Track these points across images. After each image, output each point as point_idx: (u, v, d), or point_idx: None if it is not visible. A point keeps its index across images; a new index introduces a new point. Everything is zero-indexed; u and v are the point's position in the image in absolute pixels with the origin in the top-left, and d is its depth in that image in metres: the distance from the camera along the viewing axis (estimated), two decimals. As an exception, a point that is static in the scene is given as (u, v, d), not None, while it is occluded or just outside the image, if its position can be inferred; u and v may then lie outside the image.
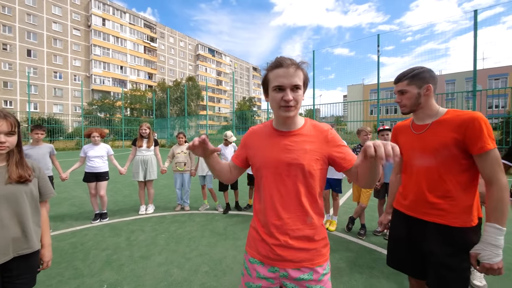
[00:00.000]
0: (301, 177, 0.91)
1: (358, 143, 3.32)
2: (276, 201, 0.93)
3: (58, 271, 2.31)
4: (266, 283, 0.95)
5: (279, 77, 0.87)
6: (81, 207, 4.31)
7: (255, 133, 1.06)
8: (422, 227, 1.19)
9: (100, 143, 3.74)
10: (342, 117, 21.12)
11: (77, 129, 20.33)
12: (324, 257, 0.94)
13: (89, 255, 2.63)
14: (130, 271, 2.32)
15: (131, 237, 3.09)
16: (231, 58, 64.75)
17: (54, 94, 34.09)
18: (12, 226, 1.10)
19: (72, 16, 35.83)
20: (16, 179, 1.12)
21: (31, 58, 32.00)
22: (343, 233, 3.18)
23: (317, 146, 0.93)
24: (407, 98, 1.21)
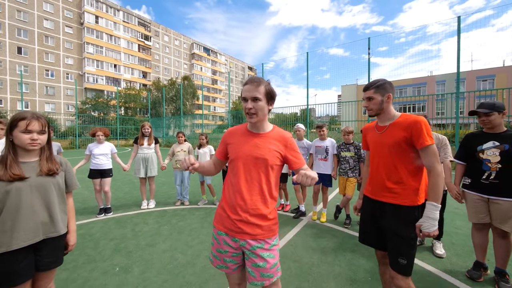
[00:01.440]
0: (263, 169, 1.22)
1: (342, 141, 3.64)
2: (243, 186, 1.21)
3: (72, 257, 2.55)
4: (231, 250, 1.24)
5: (245, 91, 1.22)
6: (85, 203, 4.51)
7: (233, 132, 1.37)
8: (381, 207, 1.50)
9: (104, 142, 3.96)
10: (337, 116, 21.58)
11: (70, 128, 20.17)
12: (274, 233, 1.25)
13: (98, 244, 2.87)
14: (138, 256, 2.57)
15: (136, 228, 3.34)
16: (226, 57, 64.67)
17: (46, 92, 33.50)
18: (41, 212, 1.30)
19: (64, 13, 35.21)
20: (46, 172, 1.32)
21: (22, 56, 31.36)
22: (331, 223, 3.50)
23: (279, 148, 1.25)
24: (373, 104, 1.50)
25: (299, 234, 3.11)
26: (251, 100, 1.19)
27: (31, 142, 1.26)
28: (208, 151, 4.42)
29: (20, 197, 1.23)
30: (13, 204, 1.21)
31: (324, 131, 3.68)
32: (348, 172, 3.41)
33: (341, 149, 3.55)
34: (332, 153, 3.62)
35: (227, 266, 1.26)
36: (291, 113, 17.52)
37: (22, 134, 1.24)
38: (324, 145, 3.66)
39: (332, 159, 3.62)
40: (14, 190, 1.21)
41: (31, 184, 1.26)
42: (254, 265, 1.19)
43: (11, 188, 1.20)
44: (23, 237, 1.23)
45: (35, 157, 1.34)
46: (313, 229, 3.28)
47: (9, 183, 1.20)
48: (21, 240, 1.22)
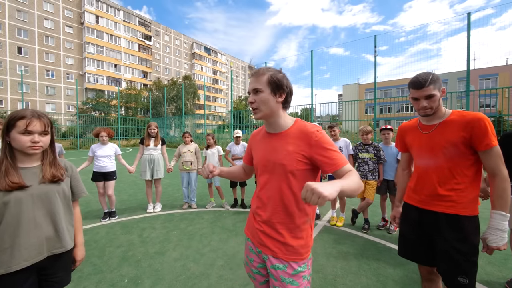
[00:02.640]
0: (283, 176, 0.99)
1: (359, 141, 3.46)
2: (263, 195, 1.05)
3: (77, 267, 2.36)
4: (257, 260, 1.11)
5: (249, 84, 1.05)
6: (88, 206, 4.34)
7: (254, 135, 1.22)
8: (433, 218, 1.32)
9: (108, 143, 3.78)
10: (338, 116, 21.40)
11: (71, 129, 20.01)
12: (301, 257, 0.98)
13: (104, 252, 2.69)
14: (148, 266, 2.40)
15: (143, 234, 3.16)
16: (227, 57, 64.47)
17: (46, 92, 33.37)
18: (45, 225, 1.10)
19: (64, 13, 35.05)
20: (50, 178, 1.13)
21: (22, 56, 31.21)
22: (348, 228, 3.32)
23: (300, 148, 0.97)
24: (434, 101, 1.26)
25: (316, 240, 2.93)
26: (253, 93, 1.01)
27: (32, 145, 1.07)
28: (216, 152, 4.24)
29: (20, 209, 1.04)
30: (12, 218, 1.02)
31: (335, 131, 3.50)
32: (368, 175, 3.22)
33: (359, 150, 3.37)
34: (347, 154, 3.44)
35: (255, 277, 1.13)
36: (291, 113, 17.36)
37: (22, 136, 1.05)
38: (337, 145, 3.48)
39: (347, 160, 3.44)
40: (13, 201, 1.02)
41: (32, 194, 1.08)
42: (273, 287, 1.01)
43: (10, 199, 1.01)
44: (25, 256, 1.04)
45: (36, 162, 1.15)
46: (330, 235, 3.10)
47: (6, 193, 1.01)
48: (23, 259, 1.04)
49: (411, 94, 1.35)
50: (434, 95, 1.26)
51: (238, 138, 4.25)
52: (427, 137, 1.35)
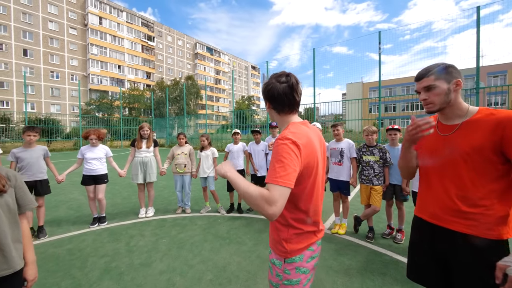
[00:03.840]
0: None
1: (363, 142, 3.21)
2: None
3: (54, 280, 2.19)
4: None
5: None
6: (79, 210, 4.18)
7: None
8: (449, 238, 1.08)
9: (99, 145, 3.61)
10: (341, 115, 21.04)
11: (75, 129, 20.09)
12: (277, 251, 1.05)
13: (87, 262, 2.51)
14: (130, 280, 2.20)
15: (130, 242, 2.97)
16: (229, 57, 64.39)
17: (51, 94, 33.75)
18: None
19: (68, 15, 35.40)
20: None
21: (27, 58, 31.63)
22: (351, 236, 3.07)
23: None
24: (436, 94, 1.07)
25: (316, 251, 2.70)
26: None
27: None
28: (210, 154, 4.03)
29: None
30: None
31: (339, 130, 3.25)
32: (373, 180, 2.96)
33: (362, 153, 3.12)
34: (349, 156, 3.19)
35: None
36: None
37: None
38: (339, 147, 3.23)
39: (349, 164, 3.18)
40: None
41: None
42: None
43: None
44: None
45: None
46: (331, 244, 2.86)
47: None
48: None
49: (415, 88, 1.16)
50: (434, 87, 1.06)
51: (236, 136, 4.05)
52: (445, 140, 1.11)
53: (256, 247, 2.81)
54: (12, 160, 3.02)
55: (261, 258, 2.54)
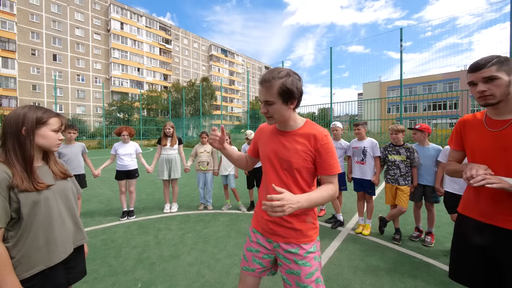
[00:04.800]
0: (290, 172, 1.09)
1: (389, 142, 3.12)
2: (270, 187, 1.10)
3: (93, 267, 2.36)
4: (264, 250, 1.17)
5: (259, 93, 1.06)
6: (108, 204, 4.44)
7: (262, 129, 1.27)
8: (502, 237, 1.04)
9: (130, 141, 3.83)
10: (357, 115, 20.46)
11: (98, 129, 21.28)
12: (310, 238, 1.11)
13: (120, 252, 2.67)
14: (162, 270, 2.31)
15: (158, 235, 3.11)
16: (243, 58, 64.89)
17: (77, 96, 35.95)
18: (68, 220, 1.12)
19: (93, 21, 37.53)
20: (61, 176, 1.13)
21: (57, 62, 33.93)
22: (376, 237, 3.00)
23: (307, 148, 1.07)
24: (497, 86, 1.00)
25: (341, 250, 2.67)
26: (264, 104, 1.05)
27: (59, 143, 1.12)
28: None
29: (49, 207, 1.02)
30: (44, 216, 1.00)
31: (360, 129, 3.19)
32: (399, 180, 2.87)
33: (388, 152, 3.04)
34: (372, 155, 3.11)
35: (254, 268, 1.18)
36: (308, 113, 16.88)
37: (53, 134, 1.06)
38: (361, 145, 3.17)
39: (372, 162, 3.11)
40: (43, 200, 1.00)
41: (54, 191, 1.06)
42: (288, 271, 1.09)
43: (40, 199, 0.99)
44: (61, 249, 1.06)
45: (41, 161, 1.11)
46: (356, 244, 2.81)
47: (35, 193, 0.98)
48: (61, 252, 1.06)
49: (467, 79, 1.10)
50: (496, 78, 1.00)
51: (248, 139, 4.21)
52: (496, 136, 1.07)
53: (279, 244, 2.83)
54: (56, 155, 3.28)
55: (285, 255, 2.56)
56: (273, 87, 1.00)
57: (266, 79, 1.01)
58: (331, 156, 1.05)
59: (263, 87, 1.02)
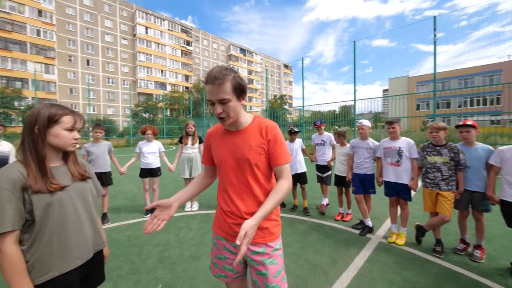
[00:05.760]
0: (249, 170, 1.06)
1: (428, 141, 2.78)
2: (232, 192, 1.09)
3: (118, 264, 2.40)
4: (231, 255, 1.12)
5: (208, 93, 0.98)
6: (134, 201, 4.60)
7: (212, 134, 1.21)
8: None
9: (153, 140, 3.91)
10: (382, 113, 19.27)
11: (126, 129, 22.64)
12: (275, 235, 1.11)
13: (143, 250, 2.70)
14: (182, 271, 2.28)
15: (179, 234, 3.12)
16: (262, 57, 64.75)
17: (107, 97, 38.61)
18: (87, 223, 1.07)
19: (121, 27, 39.96)
20: (80, 177, 1.08)
21: (90, 67, 36.73)
22: (413, 248, 2.69)
23: (260, 142, 1.06)
24: None
25: (372, 261, 2.42)
26: (218, 103, 0.98)
27: (74, 142, 1.04)
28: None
29: (63, 209, 0.97)
30: (58, 219, 0.95)
31: (395, 128, 2.88)
32: (441, 184, 2.53)
33: (427, 152, 2.70)
34: (409, 157, 2.79)
35: (226, 274, 1.16)
36: (329, 111, 16.24)
37: (65, 132, 1.00)
38: (395, 146, 2.86)
39: (409, 165, 2.79)
40: (56, 202, 0.95)
41: (70, 193, 1.01)
42: (258, 273, 1.07)
43: (53, 201, 0.94)
44: (77, 254, 1.00)
45: (60, 161, 1.06)
46: (390, 255, 2.54)
47: (48, 194, 0.93)
48: (76, 257, 1.00)
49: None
50: None
51: None
52: None
53: (303, 250, 2.66)
54: (84, 153, 3.46)
55: (310, 263, 2.39)
56: (226, 84, 0.95)
57: (215, 76, 0.94)
58: (281, 146, 1.07)
59: (214, 85, 0.95)
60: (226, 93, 0.96)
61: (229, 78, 0.97)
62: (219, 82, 0.95)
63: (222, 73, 0.95)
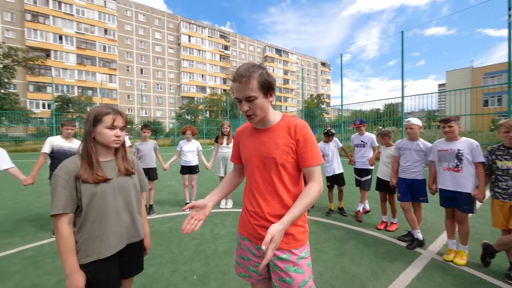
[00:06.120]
0: (274, 170, 1.03)
1: (500, 143, 2.29)
2: (256, 191, 1.07)
3: (160, 252, 2.64)
4: (254, 258, 1.10)
5: (235, 91, 0.98)
6: (176, 196, 5.01)
7: (241, 132, 1.21)
8: None
9: (192, 140, 4.21)
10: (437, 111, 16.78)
11: (172, 129, 24.91)
12: (301, 242, 1.04)
13: (182, 242, 2.91)
14: (215, 265, 2.38)
15: (214, 230, 3.26)
16: (298, 56, 63.47)
17: (157, 102, 43.17)
18: (124, 216, 1.17)
19: (168, 38, 44.23)
20: (125, 172, 1.18)
21: (143, 75, 41.66)
22: (476, 270, 2.25)
23: (288, 141, 1.02)
24: None
25: (423, 280, 2.11)
26: (245, 101, 0.97)
27: (116, 140, 1.14)
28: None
29: (105, 200, 1.09)
30: (99, 208, 1.08)
31: (452, 127, 2.43)
32: (518, 195, 2.07)
33: (497, 156, 2.23)
34: (472, 161, 2.34)
35: (250, 275, 1.14)
36: (371, 110, 14.87)
37: (107, 130, 1.11)
38: (453, 148, 2.43)
39: (472, 170, 2.34)
40: (100, 193, 1.08)
41: (113, 186, 1.13)
42: (280, 279, 1.02)
43: (97, 191, 1.07)
44: (112, 243, 1.11)
45: (111, 156, 1.20)
46: (446, 276, 2.18)
47: (94, 185, 1.07)
48: (111, 246, 1.11)
49: None
50: None
51: None
52: None
53: (338, 258, 2.49)
54: (134, 151, 3.92)
55: (346, 273, 2.22)
56: (252, 81, 0.94)
57: (242, 74, 0.94)
58: (311, 146, 1.02)
59: (241, 82, 0.94)
60: (252, 91, 0.95)
61: (256, 75, 0.95)
62: (245, 80, 0.94)
63: (249, 70, 0.94)
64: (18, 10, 32.18)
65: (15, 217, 3.77)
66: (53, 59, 33.41)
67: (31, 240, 2.95)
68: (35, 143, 17.78)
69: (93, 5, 36.43)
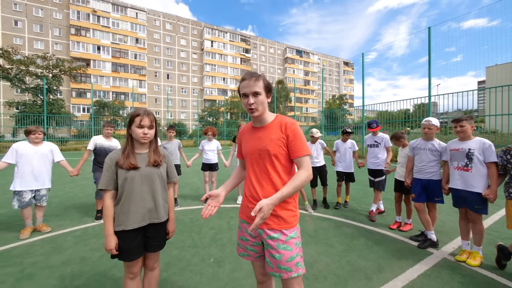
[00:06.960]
0: (268, 160, 1.22)
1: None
2: (254, 179, 1.26)
3: (182, 238, 2.98)
4: (251, 238, 1.28)
5: (244, 87, 1.20)
6: (197, 191, 5.42)
7: (243, 132, 1.42)
8: None
9: (213, 140, 4.57)
10: (476, 110, 15.30)
11: (195, 131, 26.13)
12: (291, 224, 1.21)
13: (201, 230, 3.23)
14: (230, 252, 2.63)
15: (230, 222, 3.54)
16: (319, 56, 62.24)
17: (181, 105, 45.48)
18: (148, 199, 1.44)
19: (192, 44, 46.43)
20: (153, 162, 1.46)
21: (169, 80, 44.23)
22: (491, 271, 2.21)
23: (280, 136, 1.22)
24: None
25: (430, 277, 2.14)
26: (252, 95, 1.19)
27: (143, 136, 1.42)
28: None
29: (133, 184, 1.39)
30: (128, 190, 1.39)
31: (464, 126, 2.40)
32: (535, 196, 2.01)
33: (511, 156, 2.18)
34: (483, 160, 2.30)
35: (249, 254, 1.31)
36: (399, 110, 14.02)
37: (137, 129, 1.41)
38: (464, 147, 2.40)
39: (483, 170, 2.29)
40: (130, 178, 1.38)
41: (141, 174, 1.42)
42: (271, 256, 1.19)
43: (128, 176, 1.38)
44: (134, 220, 1.39)
45: (146, 149, 1.51)
46: (456, 274, 2.18)
47: (127, 171, 1.38)
48: (133, 221, 1.39)
49: None
50: None
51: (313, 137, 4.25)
52: None
53: (346, 252, 2.60)
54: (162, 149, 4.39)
55: (352, 266, 2.33)
56: (260, 80, 1.20)
57: (252, 74, 1.20)
58: (300, 140, 1.20)
59: (251, 79, 1.18)
60: (259, 87, 1.19)
61: (262, 77, 1.22)
62: (255, 78, 1.19)
63: (257, 73, 1.21)
64: (64, 25, 36.44)
65: (64, 205, 4.44)
66: (92, 67, 37.18)
67: (78, 223, 3.50)
68: (76, 143, 19.97)
69: (126, 17, 39.84)
